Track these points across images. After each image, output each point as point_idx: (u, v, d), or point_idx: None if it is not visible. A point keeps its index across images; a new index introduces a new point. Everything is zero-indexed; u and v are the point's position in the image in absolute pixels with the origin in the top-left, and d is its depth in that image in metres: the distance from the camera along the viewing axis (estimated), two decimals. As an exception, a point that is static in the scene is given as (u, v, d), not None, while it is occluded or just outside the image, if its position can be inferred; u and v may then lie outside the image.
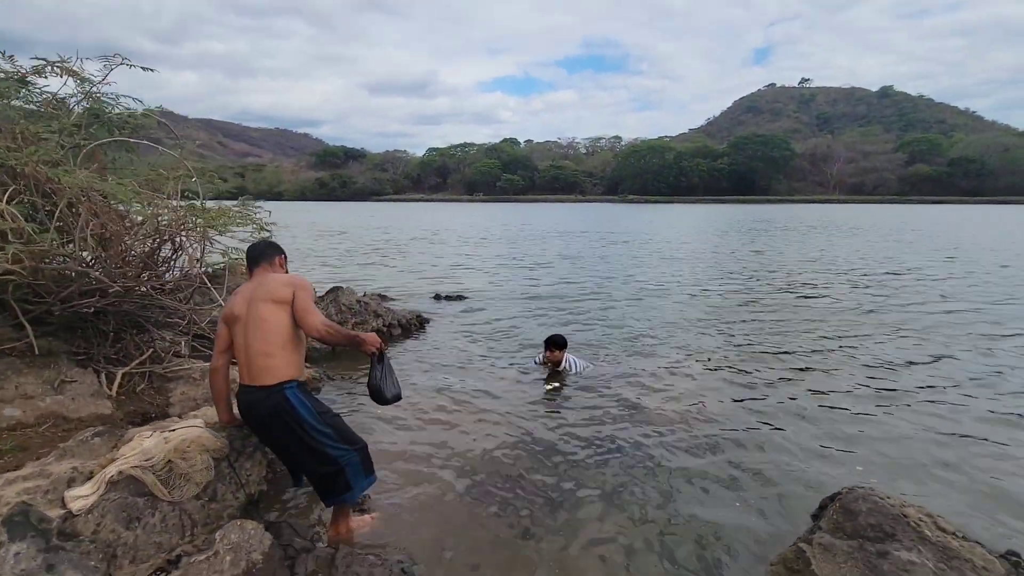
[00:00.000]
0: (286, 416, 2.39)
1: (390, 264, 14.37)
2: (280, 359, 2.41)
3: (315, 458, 2.45)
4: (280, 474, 3.26)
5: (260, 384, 2.40)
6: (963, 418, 4.30)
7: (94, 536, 2.13)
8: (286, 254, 2.83)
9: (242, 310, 2.49)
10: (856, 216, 41.80)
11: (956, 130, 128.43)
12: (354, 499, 2.58)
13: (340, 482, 2.49)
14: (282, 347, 2.43)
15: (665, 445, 3.78)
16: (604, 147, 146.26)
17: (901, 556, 2.18)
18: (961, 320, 7.67)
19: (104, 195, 3.29)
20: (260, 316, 2.43)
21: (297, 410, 2.40)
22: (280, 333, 2.43)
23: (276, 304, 2.45)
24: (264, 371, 2.39)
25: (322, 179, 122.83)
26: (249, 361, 2.42)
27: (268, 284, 2.52)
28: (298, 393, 2.43)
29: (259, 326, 2.42)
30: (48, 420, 3.05)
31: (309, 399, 2.49)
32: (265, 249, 2.75)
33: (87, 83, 3.77)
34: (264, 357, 2.40)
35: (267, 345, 2.41)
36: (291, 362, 2.45)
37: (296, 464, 2.59)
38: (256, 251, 2.73)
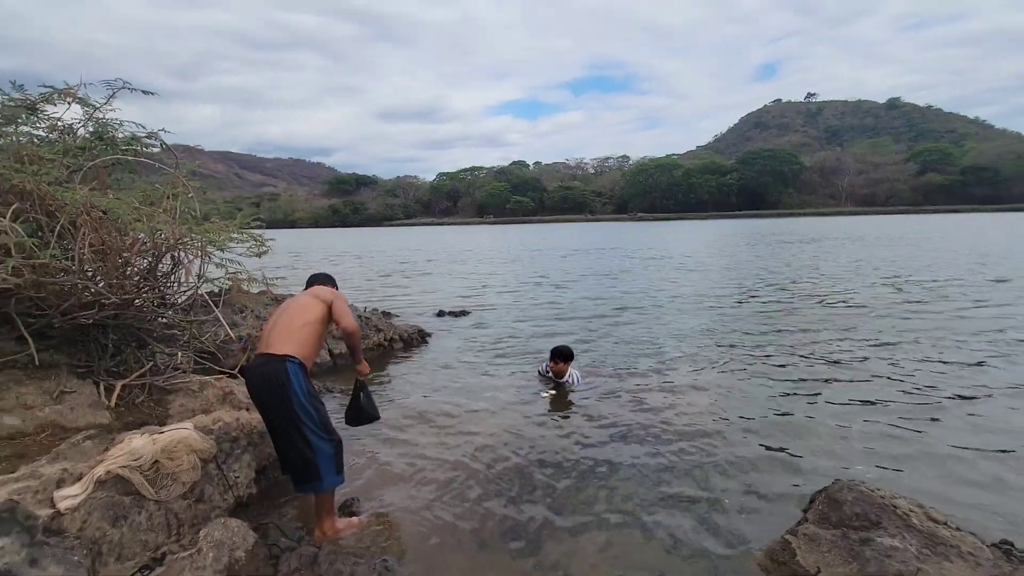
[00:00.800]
0: (280, 381, 2.57)
1: (396, 284, 14.52)
2: (296, 342, 2.70)
3: (294, 432, 2.58)
4: (271, 482, 3.31)
5: (270, 352, 2.66)
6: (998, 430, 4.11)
7: (79, 533, 2.17)
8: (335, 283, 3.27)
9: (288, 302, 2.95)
10: (875, 227, 41.35)
11: (967, 139, 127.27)
12: (321, 491, 2.63)
13: (311, 468, 2.59)
14: (301, 329, 2.74)
15: (657, 449, 3.76)
16: (612, 167, 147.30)
17: (884, 542, 2.15)
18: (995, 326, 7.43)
19: (104, 211, 3.42)
20: (300, 302, 2.88)
21: (291, 379, 2.58)
22: (307, 318, 2.79)
23: (316, 298, 2.89)
24: (279, 342, 2.68)
25: (335, 206, 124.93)
26: (270, 335, 2.73)
27: (316, 289, 3.01)
28: (297, 369, 2.63)
29: (296, 309, 2.83)
30: (46, 429, 3.13)
31: (305, 379, 2.67)
32: (323, 278, 3.26)
33: (90, 108, 3.96)
34: (286, 332, 2.71)
35: (292, 324, 2.75)
36: (304, 346, 2.72)
37: (278, 439, 2.70)
38: (315, 278, 3.26)
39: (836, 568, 2.16)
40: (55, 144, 3.82)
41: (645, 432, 4.03)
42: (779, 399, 4.70)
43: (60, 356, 3.61)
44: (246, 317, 6.77)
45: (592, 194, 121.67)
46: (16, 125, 3.75)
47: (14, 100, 3.84)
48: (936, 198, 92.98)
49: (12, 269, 2.92)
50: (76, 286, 3.37)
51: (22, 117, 3.79)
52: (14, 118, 3.71)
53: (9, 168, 3.26)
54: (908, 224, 44.81)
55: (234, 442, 2.88)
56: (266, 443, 3.39)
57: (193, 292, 4.26)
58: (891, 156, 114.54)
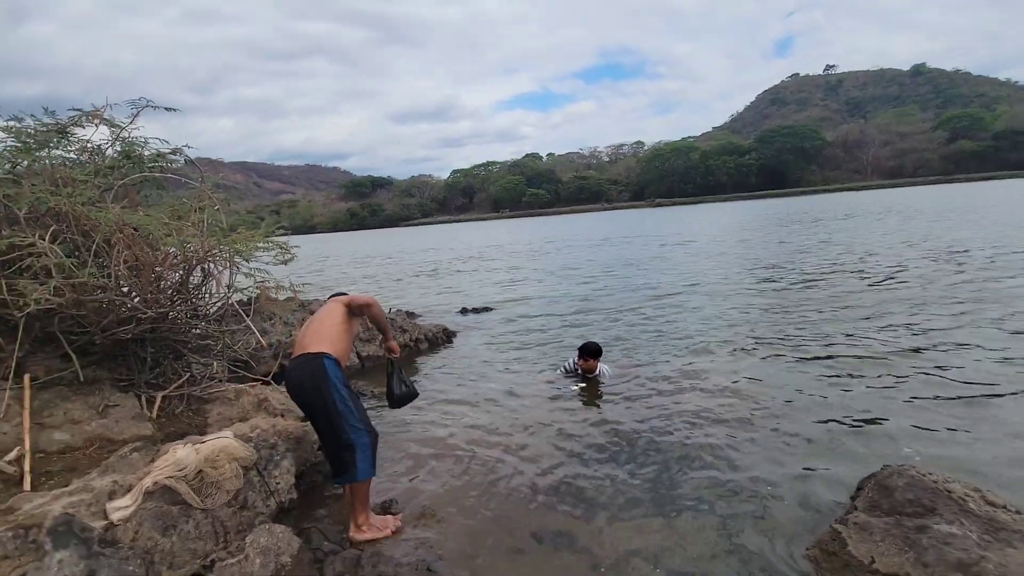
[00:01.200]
0: (319, 379, 2.71)
1: (418, 284, 14.62)
2: (328, 340, 2.88)
3: (333, 427, 2.71)
4: (310, 486, 3.36)
5: (306, 351, 2.82)
6: None
7: (132, 543, 2.23)
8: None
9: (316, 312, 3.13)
10: (905, 199, 40.03)
11: (998, 103, 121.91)
12: (355, 480, 2.71)
13: (348, 459, 2.69)
14: (331, 328, 2.94)
15: (700, 438, 3.70)
16: (627, 153, 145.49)
17: (941, 529, 2.07)
18: None
19: (136, 228, 3.50)
20: (327, 308, 3.09)
21: (330, 376, 2.73)
22: (334, 319, 2.99)
23: (337, 303, 3.10)
24: (313, 343, 2.85)
25: (352, 209, 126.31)
26: (305, 338, 2.92)
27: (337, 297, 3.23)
28: (333, 364, 2.79)
29: (324, 313, 3.04)
30: (95, 443, 3.23)
31: (341, 372, 2.82)
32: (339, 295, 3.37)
33: (117, 128, 4.04)
34: (319, 335, 2.91)
35: (323, 325, 2.96)
36: (336, 344, 2.90)
37: (320, 433, 2.85)
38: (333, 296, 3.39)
39: (891, 558, 2.09)
40: (86, 165, 3.92)
41: (681, 421, 3.97)
42: (817, 383, 4.58)
43: (102, 371, 3.72)
44: (275, 324, 6.89)
45: (608, 182, 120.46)
46: (49, 149, 3.85)
47: (45, 125, 3.95)
48: (968, 165, 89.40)
49: (54, 289, 3.00)
50: (114, 302, 3.46)
51: (54, 141, 3.89)
52: (47, 142, 3.81)
53: (46, 191, 3.35)
54: (940, 195, 43.23)
55: (273, 448, 2.93)
56: (303, 448, 3.46)
57: (224, 302, 4.34)
58: (918, 125, 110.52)
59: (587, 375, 5.00)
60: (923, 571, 1.98)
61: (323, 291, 12.32)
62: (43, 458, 2.95)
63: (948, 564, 1.93)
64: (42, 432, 3.08)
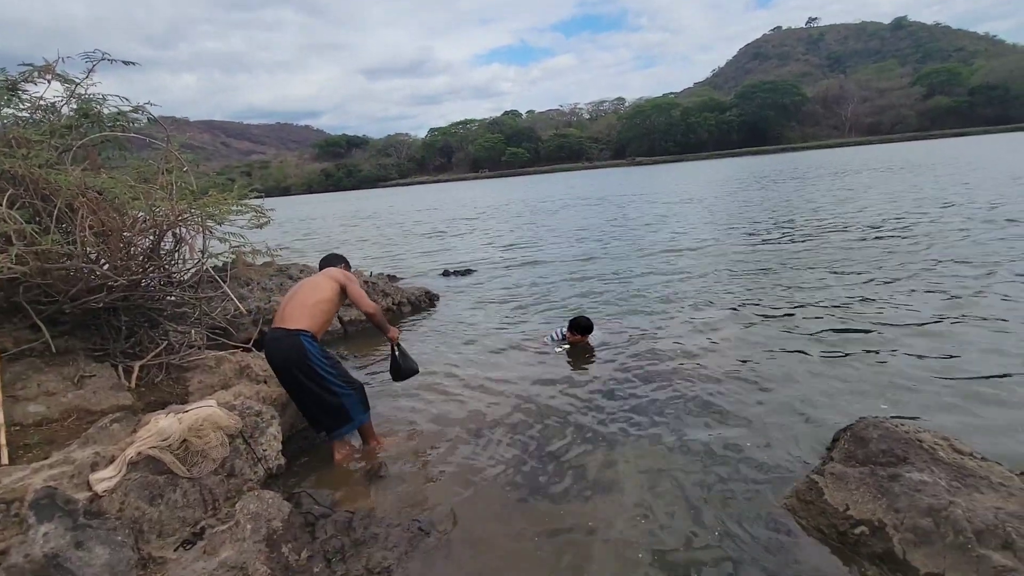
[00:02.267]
0: (299, 353, 2.96)
1: (401, 246, 14.42)
2: (307, 315, 3.06)
3: (321, 390, 3.00)
4: (297, 450, 3.37)
5: (285, 327, 3.02)
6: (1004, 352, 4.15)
7: (119, 514, 2.22)
8: (347, 263, 3.66)
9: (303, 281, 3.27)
10: (881, 156, 40.43)
11: (976, 57, 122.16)
12: (353, 429, 3.17)
13: (342, 411, 3.06)
14: (314, 306, 3.09)
15: (680, 398, 3.78)
16: (608, 110, 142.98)
17: (912, 477, 2.17)
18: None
19: (100, 192, 3.32)
20: (314, 281, 3.23)
21: (308, 351, 2.98)
22: (320, 294, 3.14)
23: (329, 278, 3.23)
24: (292, 318, 3.03)
25: (327, 170, 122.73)
26: (286, 310, 3.08)
27: (329, 270, 3.34)
28: (310, 339, 3.03)
29: (309, 288, 3.17)
30: (72, 414, 3.16)
31: (318, 346, 3.08)
32: (333, 259, 3.62)
33: (71, 83, 3.78)
34: (299, 308, 3.06)
35: (306, 300, 3.10)
36: (315, 321, 3.08)
37: (307, 399, 3.08)
38: (326, 260, 3.63)
39: (865, 505, 2.19)
40: (40, 125, 3.67)
41: (664, 382, 4.05)
42: (795, 341, 4.69)
43: (75, 341, 3.61)
44: (252, 289, 6.75)
45: (588, 140, 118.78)
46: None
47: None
48: (945, 121, 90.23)
49: (16, 257, 2.86)
50: (81, 270, 3.32)
51: (4, 99, 3.62)
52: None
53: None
54: (913, 151, 43.76)
55: (258, 416, 2.90)
56: (288, 414, 3.44)
57: (199, 268, 4.21)
58: (897, 80, 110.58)
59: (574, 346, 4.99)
60: (895, 516, 2.08)
61: (303, 255, 12.09)
62: (19, 431, 2.88)
63: (919, 510, 2.03)
64: (16, 405, 2.99)
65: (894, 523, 2.06)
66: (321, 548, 2.31)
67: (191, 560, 2.17)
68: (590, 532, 2.47)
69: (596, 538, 2.43)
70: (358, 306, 3.24)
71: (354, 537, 2.39)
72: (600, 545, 2.39)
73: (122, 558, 2.06)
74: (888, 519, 2.09)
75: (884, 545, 2.05)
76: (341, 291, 3.24)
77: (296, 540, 2.35)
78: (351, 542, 2.37)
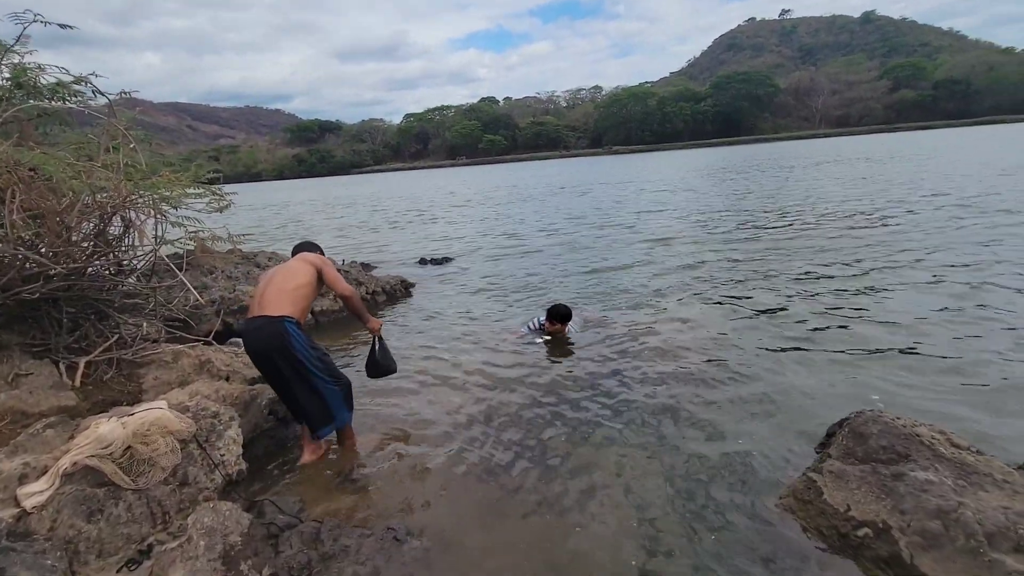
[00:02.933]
0: (282, 341, 2.74)
1: (372, 234, 14.03)
2: (288, 300, 2.84)
3: (305, 383, 2.81)
4: (262, 452, 3.12)
5: (266, 314, 2.79)
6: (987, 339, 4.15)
7: (50, 533, 1.96)
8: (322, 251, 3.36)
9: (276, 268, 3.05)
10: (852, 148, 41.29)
11: (940, 52, 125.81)
12: (333, 430, 2.97)
13: (325, 410, 2.88)
14: (294, 291, 2.88)
15: (664, 393, 3.65)
16: (585, 99, 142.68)
17: (918, 476, 2.06)
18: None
19: (33, 169, 2.98)
20: (289, 266, 3.01)
21: (292, 338, 2.76)
22: (297, 279, 2.92)
23: (305, 262, 3.02)
24: (272, 305, 2.81)
25: (299, 155, 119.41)
26: (263, 297, 2.86)
27: (304, 255, 3.13)
28: (295, 326, 2.80)
29: (286, 273, 2.95)
30: (5, 417, 2.84)
31: (303, 334, 2.85)
32: (308, 245, 3.35)
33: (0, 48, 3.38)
34: (278, 294, 2.85)
35: (285, 285, 2.88)
36: (296, 307, 2.86)
37: (288, 392, 2.87)
38: (300, 247, 3.35)
39: (868, 505, 2.08)
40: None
41: (646, 375, 3.91)
42: (781, 332, 4.61)
43: (10, 335, 3.26)
44: (216, 278, 6.38)
45: (566, 128, 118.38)
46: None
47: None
48: (910, 115, 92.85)
49: (-70, 243, 2.52)
50: (15, 256, 2.98)
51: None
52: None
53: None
54: (888, 143, 44.84)
55: (215, 417, 2.65)
56: (251, 413, 3.18)
57: (152, 256, 3.88)
58: (865, 73, 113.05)
59: (555, 336, 4.81)
60: (900, 518, 1.97)
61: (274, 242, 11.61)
62: (-60, 438, 2.56)
63: (927, 511, 1.92)
64: (-63, 408, 2.67)
65: (900, 525, 1.95)
66: (285, 564, 2.09)
67: (136, 583, 1.93)
68: (577, 535, 2.32)
69: (584, 541, 2.28)
70: (335, 289, 3.01)
71: (322, 551, 2.18)
72: (588, 548, 2.23)
73: (52, 585, 1.81)
74: (893, 521, 1.97)
75: (890, 548, 1.94)
76: (318, 276, 3.00)
77: (257, 556, 2.13)
78: (319, 556, 2.15)
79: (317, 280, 3.00)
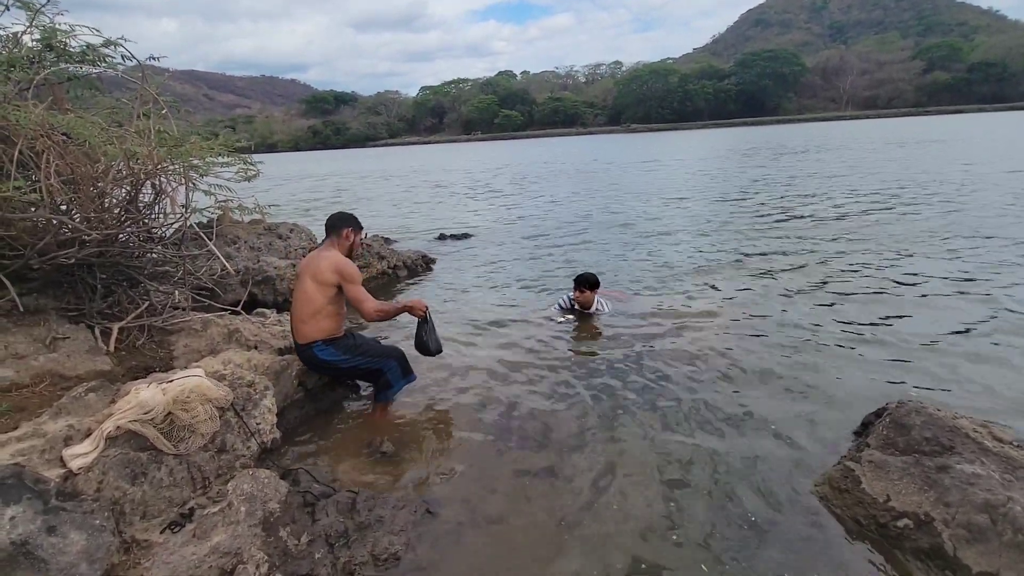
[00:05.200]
0: (320, 364, 3.03)
1: (397, 208, 14.00)
2: (310, 326, 2.96)
3: (359, 375, 3.19)
4: (293, 421, 3.16)
5: (298, 341, 3.03)
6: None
7: (97, 494, 2.00)
8: (355, 225, 3.18)
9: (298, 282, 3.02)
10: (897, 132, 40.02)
11: (978, 32, 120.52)
12: (394, 394, 3.21)
13: (383, 382, 3.14)
14: (313, 316, 2.95)
15: (694, 377, 3.59)
16: (604, 74, 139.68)
17: (964, 469, 2.02)
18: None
19: (67, 134, 2.97)
20: (303, 289, 2.96)
21: (325, 360, 3.00)
22: (314, 306, 2.93)
23: (317, 284, 2.92)
24: (298, 333, 3.01)
25: (315, 127, 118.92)
26: (292, 322, 3.06)
27: (319, 264, 2.94)
28: (324, 347, 2.98)
29: (300, 299, 2.97)
30: (44, 379, 2.90)
31: (336, 346, 3.02)
32: (336, 221, 3.15)
33: (31, 8, 3.34)
34: (300, 323, 2.99)
35: (302, 314, 2.97)
36: (320, 327, 2.97)
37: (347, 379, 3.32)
38: (329, 222, 3.16)
39: (910, 496, 2.05)
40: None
41: (676, 360, 3.86)
42: (812, 323, 4.51)
43: (46, 300, 3.31)
44: (239, 248, 6.41)
45: (584, 105, 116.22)
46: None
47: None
48: (941, 98, 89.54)
49: (-30, 206, 2.54)
50: (50, 221, 3.00)
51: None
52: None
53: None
54: (928, 127, 43.41)
55: (251, 387, 2.67)
56: (282, 383, 3.21)
57: (182, 223, 3.89)
58: (898, 53, 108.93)
59: (583, 310, 4.74)
60: (945, 511, 1.93)
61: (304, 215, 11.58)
62: (-16, 398, 2.62)
63: (974, 505, 1.88)
64: (-20, 369, 2.73)
65: (944, 518, 1.92)
66: (323, 532, 2.12)
67: (179, 544, 1.97)
68: (609, 515, 2.32)
69: (616, 521, 2.28)
70: (359, 310, 2.95)
71: (358, 520, 2.20)
72: (620, 528, 2.23)
73: (101, 544, 1.85)
74: (937, 513, 1.94)
75: (932, 540, 1.91)
76: (338, 291, 2.96)
77: (295, 523, 2.17)
78: (355, 525, 2.18)
79: (337, 297, 2.96)
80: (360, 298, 2.92)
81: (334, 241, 3.09)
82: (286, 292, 5.46)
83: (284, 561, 2.00)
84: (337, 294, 2.96)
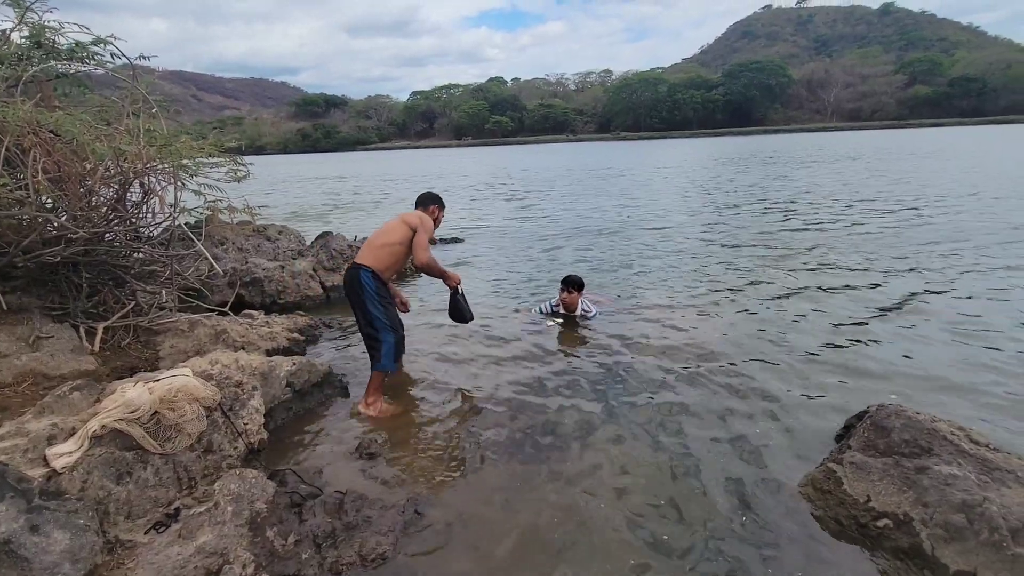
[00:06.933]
0: (356, 285, 3.26)
1: (382, 212, 13.96)
2: (376, 255, 3.31)
3: (366, 322, 3.28)
4: (282, 422, 3.14)
5: (356, 262, 3.32)
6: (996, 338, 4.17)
7: (81, 494, 1.98)
8: (440, 203, 3.74)
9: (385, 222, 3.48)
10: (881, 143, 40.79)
11: (958, 47, 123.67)
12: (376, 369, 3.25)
13: (376, 352, 3.24)
14: (382, 246, 3.32)
15: (679, 381, 3.63)
16: (594, 82, 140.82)
17: (942, 470, 2.07)
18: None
19: (54, 132, 2.95)
20: (390, 224, 3.42)
21: (363, 283, 3.24)
22: (389, 237, 3.33)
23: (403, 222, 3.38)
24: (360, 256, 3.33)
25: (304, 130, 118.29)
26: (363, 248, 3.38)
27: (411, 213, 3.50)
28: (370, 275, 3.26)
29: (383, 229, 3.42)
30: (27, 378, 2.86)
31: (378, 283, 3.28)
32: (425, 198, 3.72)
33: (20, 6, 3.32)
34: (367, 248, 3.36)
35: (375, 241, 3.37)
36: (381, 260, 3.31)
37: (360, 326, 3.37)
38: (419, 198, 3.74)
39: (889, 497, 2.09)
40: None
41: (661, 363, 3.91)
42: (798, 328, 4.59)
43: (30, 299, 3.27)
44: (227, 249, 6.37)
45: (574, 112, 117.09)
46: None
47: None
48: (922, 111, 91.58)
49: (-45, 202, 2.51)
50: (36, 219, 2.97)
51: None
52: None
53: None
54: (911, 140, 44.31)
55: (238, 387, 2.66)
56: (270, 384, 3.19)
57: (170, 223, 3.86)
58: (881, 67, 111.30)
59: (568, 312, 4.79)
60: (923, 511, 1.98)
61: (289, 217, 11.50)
62: (-35, 397, 2.58)
63: (951, 505, 1.93)
64: (-39, 367, 2.69)
65: (922, 517, 1.97)
66: (310, 532, 2.12)
67: (164, 544, 1.96)
68: (597, 516, 2.33)
69: (602, 521, 2.30)
70: (414, 255, 3.34)
71: (345, 520, 2.20)
72: (606, 528, 2.25)
73: (84, 543, 1.83)
74: (916, 513, 1.99)
75: (911, 539, 1.96)
76: (412, 235, 3.32)
77: (282, 523, 2.16)
78: (342, 526, 2.18)
79: (410, 240, 3.31)
80: (423, 244, 3.30)
81: (421, 211, 3.59)
82: (274, 294, 5.43)
83: (271, 561, 1.99)
84: (409, 239, 3.31)
